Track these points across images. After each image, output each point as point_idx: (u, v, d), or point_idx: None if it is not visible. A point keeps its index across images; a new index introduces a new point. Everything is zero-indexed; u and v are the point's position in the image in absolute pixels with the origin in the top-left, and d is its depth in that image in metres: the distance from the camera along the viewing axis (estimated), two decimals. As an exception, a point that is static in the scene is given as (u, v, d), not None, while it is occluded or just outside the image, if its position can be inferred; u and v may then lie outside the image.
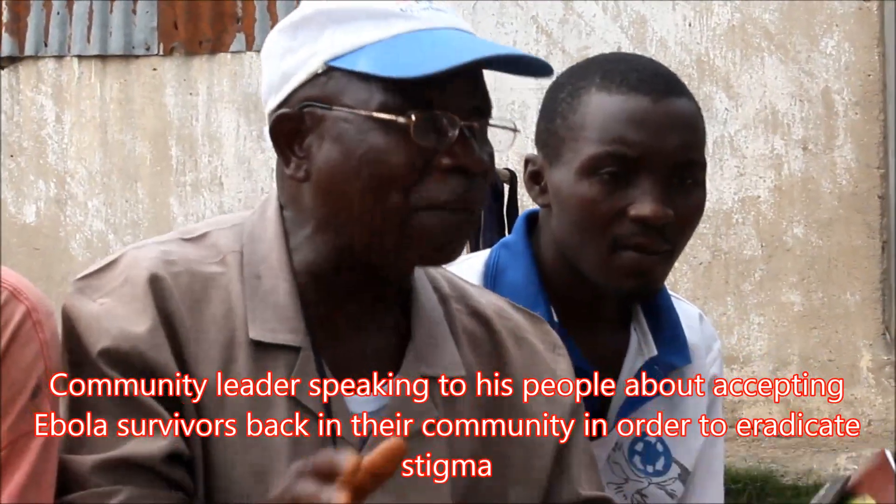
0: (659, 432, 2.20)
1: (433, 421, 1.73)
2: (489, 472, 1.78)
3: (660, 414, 2.19)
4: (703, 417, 2.25)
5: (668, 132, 2.03)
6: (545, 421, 1.84)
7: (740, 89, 7.25)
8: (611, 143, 2.02)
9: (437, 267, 1.75)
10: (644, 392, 2.16)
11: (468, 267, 2.16)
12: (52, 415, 1.64)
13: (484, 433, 1.79)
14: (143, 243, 1.75)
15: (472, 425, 1.78)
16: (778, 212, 7.20)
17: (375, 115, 1.65)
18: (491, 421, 1.80)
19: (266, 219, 1.76)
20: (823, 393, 7.09)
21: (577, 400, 1.89)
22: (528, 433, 1.82)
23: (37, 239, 8.08)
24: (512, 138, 1.75)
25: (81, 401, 1.65)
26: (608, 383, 2.16)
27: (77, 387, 1.66)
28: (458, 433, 1.76)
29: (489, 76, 1.73)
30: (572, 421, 1.87)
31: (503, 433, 1.81)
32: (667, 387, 2.18)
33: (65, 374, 1.68)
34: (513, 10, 7.52)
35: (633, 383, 2.15)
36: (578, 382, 1.91)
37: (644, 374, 2.16)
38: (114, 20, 8.05)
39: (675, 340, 2.20)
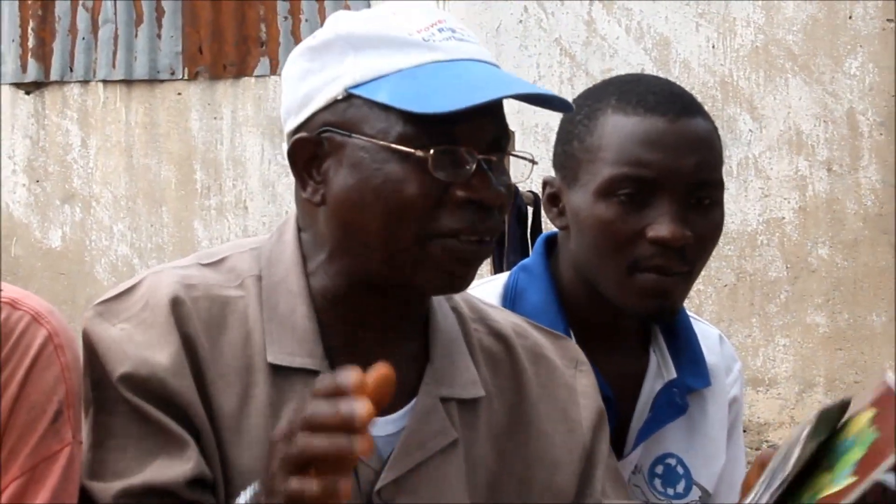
0: (679, 455, 2.19)
1: (452, 441, 1.73)
2: (510, 493, 1.78)
3: (680, 436, 2.19)
4: (724, 439, 2.24)
5: (684, 152, 2.02)
6: (565, 438, 1.84)
7: (764, 111, 7.24)
8: (627, 165, 2.02)
9: (450, 293, 1.74)
10: (663, 415, 2.15)
11: (488, 290, 2.16)
12: (74, 438, 1.65)
13: (503, 452, 1.79)
14: (162, 268, 1.75)
15: (491, 445, 1.78)
16: (803, 233, 7.18)
17: (394, 146, 1.65)
18: (510, 440, 1.80)
19: (284, 242, 1.76)
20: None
21: (599, 416, 1.88)
22: (547, 452, 1.82)
23: (62, 263, 8.11)
24: (530, 169, 1.75)
25: (102, 426, 1.66)
26: (627, 406, 2.15)
27: (98, 412, 1.66)
28: (476, 453, 1.76)
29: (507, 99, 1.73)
30: (594, 435, 1.86)
31: (522, 453, 1.80)
32: (686, 409, 2.17)
33: (85, 399, 1.68)
34: (536, 32, 7.52)
35: (652, 406, 2.15)
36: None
37: (663, 397, 2.16)
38: (139, 45, 8.08)
39: (695, 362, 2.19)
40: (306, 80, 1.73)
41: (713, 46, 7.32)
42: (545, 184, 2.14)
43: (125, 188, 8.12)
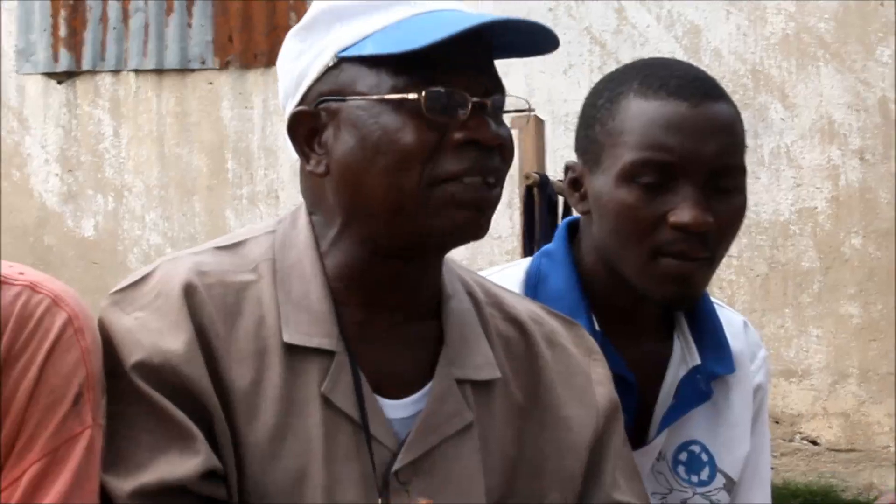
0: (703, 442, 2.18)
1: (467, 423, 1.73)
2: (526, 475, 1.78)
3: (704, 423, 2.17)
4: (748, 427, 2.22)
5: (706, 137, 2.01)
6: (578, 425, 1.83)
7: (796, 99, 7.21)
8: (649, 150, 2.01)
9: (465, 241, 1.73)
10: (687, 401, 2.14)
11: (509, 275, 2.16)
12: (94, 421, 1.65)
13: (518, 436, 1.79)
14: (178, 255, 1.76)
15: (507, 427, 1.78)
16: (835, 223, 7.15)
17: (387, 97, 1.67)
18: (526, 423, 1.80)
19: (297, 226, 1.77)
20: (882, 406, 7.02)
21: (613, 405, 1.88)
22: (561, 437, 1.82)
23: (94, 253, 8.14)
24: (527, 117, 1.77)
25: (115, 416, 1.66)
26: (651, 392, 2.14)
27: (111, 401, 1.66)
28: (492, 435, 1.76)
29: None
30: (607, 424, 1.86)
31: (537, 437, 1.80)
32: (710, 395, 2.16)
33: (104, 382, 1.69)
34: (566, 20, 7.50)
35: (676, 392, 2.14)
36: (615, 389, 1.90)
37: (687, 383, 2.14)
38: (169, 35, 8.10)
39: (719, 349, 2.18)
40: (299, 60, 1.76)
41: (744, 34, 7.29)
42: (567, 168, 2.13)
43: (157, 177, 8.15)
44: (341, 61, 1.72)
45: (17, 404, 1.63)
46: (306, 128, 1.73)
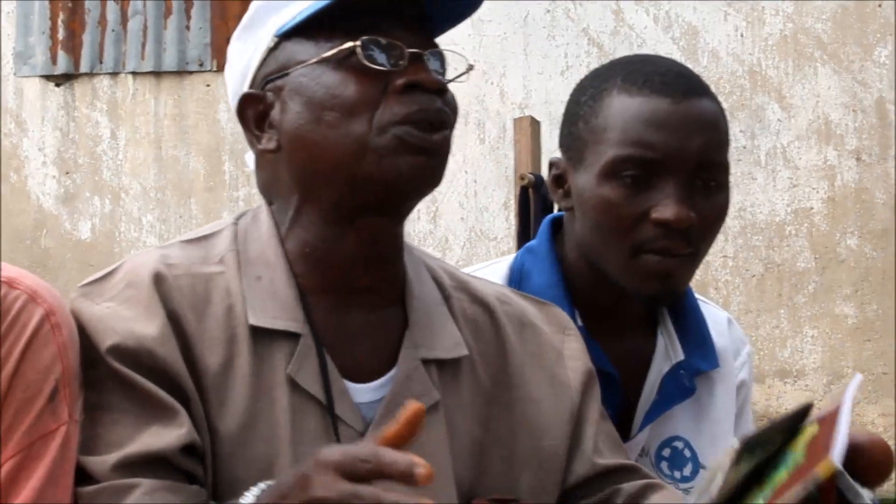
0: (687, 437, 2.18)
1: (434, 403, 1.74)
2: (495, 460, 1.78)
3: (687, 419, 2.18)
4: (732, 423, 2.23)
5: (689, 134, 2.01)
6: (553, 402, 1.84)
7: (793, 100, 7.21)
8: (632, 146, 2.01)
9: (420, 190, 1.74)
10: (671, 397, 2.14)
11: (493, 271, 2.16)
12: (70, 417, 1.65)
13: (486, 417, 1.79)
14: (143, 251, 1.78)
15: (474, 411, 1.79)
16: (831, 223, 7.15)
17: (325, 55, 1.72)
18: (494, 407, 1.81)
19: (258, 219, 1.79)
20: (877, 406, 7.02)
21: (588, 378, 1.88)
22: (534, 417, 1.82)
23: (91, 255, 8.15)
24: (466, 69, 1.80)
25: (94, 402, 1.67)
26: (634, 388, 2.15)
27: (89, 388, 1.67)
28: (459, 418, 1.77)
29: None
30: (582, 396, 1.86)
31: (506, 418, 1.81)
32: (694, 391, 2.16)
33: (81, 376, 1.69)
34: (564, 22, 7.51)
35: (659, 388, 2.14)
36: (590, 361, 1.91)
37: (671, 379, 2.15)
38: (168, 37, 8.11)
39: (703, 345, 2.18)
40: (241, 56, 1.81)
41: (741, 35, 7.29)
42: (551, 165, 2.13)
43: (154, 180, 8.16)
44: (280, 40, 1.77)
45: None
46: (255, 111, 1.77)
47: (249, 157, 1.83)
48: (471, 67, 1.81)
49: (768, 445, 1.54)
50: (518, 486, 1.79)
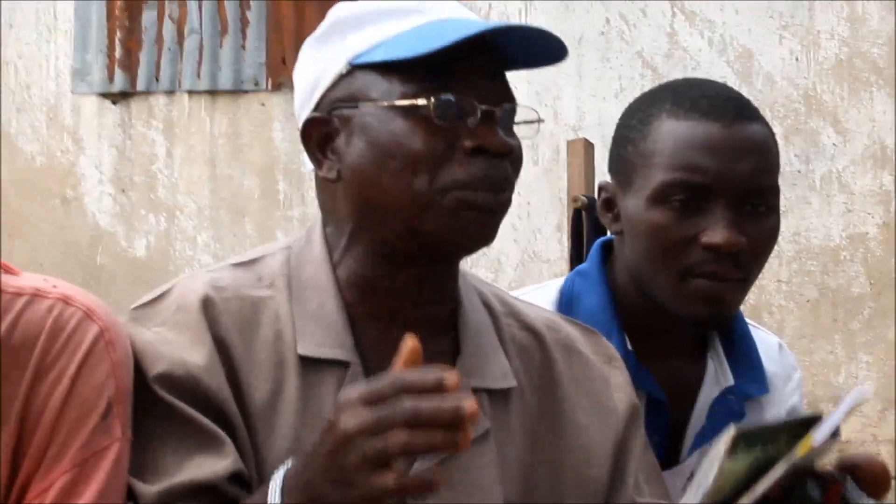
0: None
1: (484, 432, 1.73)
2: (544, 485, 1.78)
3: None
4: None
5: (738, 158, 2.01)
6: (599, 429, 1.83)
7: (848, 124, 7.17)
8: (681, 170, 2.01)
9: (475, 245, 1.73)
10: (720, 422, 2.14)
11: (543, 294, 2.17)
12: (123, 435, 1.66)
13: (535, 444, 1.79)
14: (194, 273, 1.78)
15: (524, 436, 1.78)
16: (887, 248, 7.10)
17: (397, 103, 1.70)
18: (543, 431, 1.80)
19: (312, 241, 1.79)
20: (933, 433, 6.96)
21: (633, 410, 1.87)
22: (581, 442, 1.82)
23: (146, 273, 8.20)
24: (537, 128, 1.78)
25: (141, 427, 1.67)
26: (684, 412, 2.14)
27: (135, 413, 1.68)
28: (509, 444, 1.76)
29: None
30: (626, 428, 1.86)
31: (554, 444, 1.80)
32: (743, 416, 2.15)
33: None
34: (618, 44, 7.51)
35: (709, 413, 2.13)
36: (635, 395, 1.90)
37: (720, 404, 2.14)
38: (223, 56, 8.16)
39: (753, 370, 2.18)
40: (313, 69, 1.78)
41: (797, 59, 7.26)
42: (600, 189, 2.14)
43: (209, 198, 8.20)
44: (354, 69, 1.74)
45: (48, 416, 1.64)
46: (319, 134, 1.75)
47: (307, 159, 1.81)
48: (540, 121, 1.79)
49: (770, 444, 1.54)
50: None
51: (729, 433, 1.45)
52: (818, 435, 1.51)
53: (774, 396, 2.21)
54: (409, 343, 1.45)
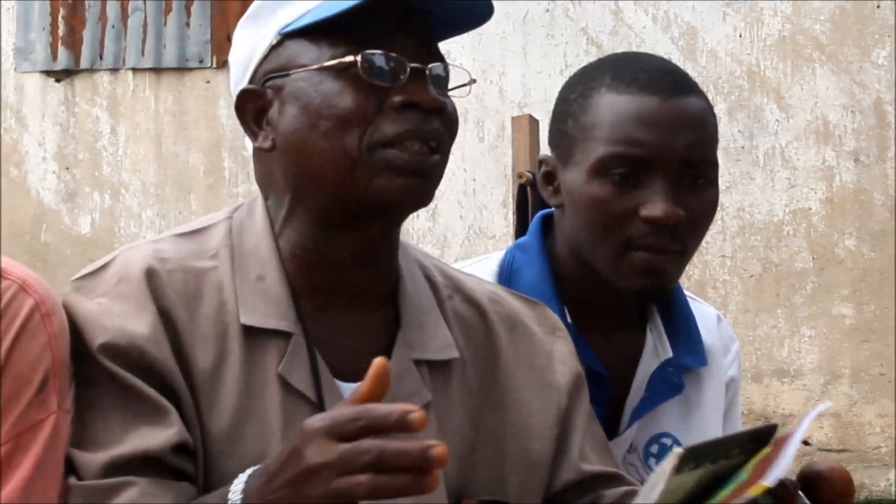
0: (675, 434, 2.19)
1: (425, 403, 1.74)
2: (485, 462, 1.78)
3: (676, 415, 2.19)
4: (720, 420, 2.24)
5: (677, 131, 2.02)
6: (541, 405, 1.84)
7: (791, 100, 7.22)
8: (620, 144, 2.02)
9: (408, 209, 1.74)
10: (659, 393, 2.15)
11: (483, 267, 2.17)
12: (60, 407, 1.66)
13: (476, 418, 1.79)
14: (137, 244, 1.77)
15: (465, 412, 1.79)
16: (829, 224, 7.16)
17: (326, 64, 1.71)
18: (484, 408, 1.81)
19: (254, 213, 1.79)
20: (875, 406, 7.03)
21: (577, 381, 1.88)
22: (523, 420, 1.82)
23: (91, 250, 8.15)
24: (469, 88, 1.78)
25: (84, 397, 1.67)
26: (623, 384, 2.16)
27: (79, 384, 1.67)
28: (450, 418, 1.77)
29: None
30: (570, 399, 1.86)
31: (495, 419, 1.81)
32: (682, 388, 2.17)
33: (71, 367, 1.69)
34: (563, 21, 7.52)
35: (647, 384, 2.15)
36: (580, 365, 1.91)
37: (659, 376, 2.16)
38: (168, 33, 8.12)
39: (692, 341, 2.19)
40: (245, 46, 1.80)
41: (740, 36, 7.30)
42: (540, 162, 2.14)
43: (154, 176, 8.16)
44: (284, 39, 1.75)
45: None
46: (254, 106, 1.76)
47: (248, 143, 1.82)
48: (473, 81, 1.80)
49: (721, 458, 1.53)
50: (506, 488, 1.80)
51: (675, 453, 1.44)
52: (772, 476, 1.50)
53: (713, 368, 2.22)
54: (378, 364, 1.44)
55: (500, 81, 7.46)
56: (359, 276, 1.76)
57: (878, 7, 7.14)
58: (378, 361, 1.44)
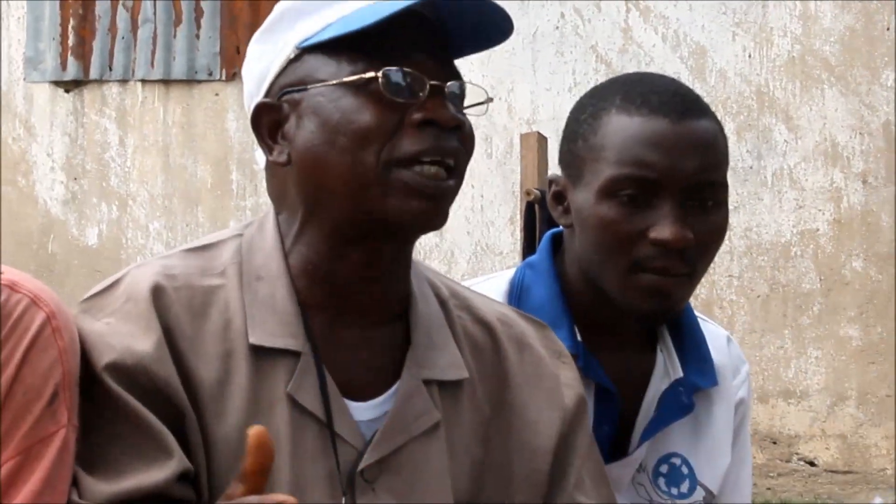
0: (684, 454, 2.19)
1: (435, 423, 1.74)
2: (493, 480, 1.78)
3: (685, 436, 2.18)
4: (729, 440, 2.23)
5: (687, 154, 2.02)
6: (545, 427, 1.84)
7: (800, 121, 7.22)
8: (630, 166, 2.02)
9: (422, 231, 1.74)
10: (669, 414, 2.15)
11: (493, 285, 2.17)
12: (69, 421, 1.66)
13: (484, 438, 1.79)
14: (146, 261, 1.78)
15: (474, 431, 1.79)
16: (837, 245, 7.16)
17: (346, 79, 1.71)
18: (493, 427, 1.81)
19: (264, 229, 1.79)
20: (880, 429, 7.02)
21: (580, 406, 1.89)
22: (530, 439, 1.82)
23: (98, 261, 8.16)
24: (486, 107, 1.79)
25: (90, 417, 1.67)
26: (633, 404, 2.15)
27: (86, 402, 1.67)
28: (459, 437, 1.77)
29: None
30: (573, 423, 1.87)
31: (504, 439, 1.81)
32: (692, 408, 2.17)
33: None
34: (572, 39, 7.53)
35: (657, 405, 2.15)
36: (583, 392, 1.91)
37: (669, 396, 2.15)
38: (177, 45, 8.14)
39: (702, 362, 2.19)
40: (261, 60, 1.79)
41: (749, 56, 7.30)
42: (550, 182, 2.14)
43: (161, 187, 8.17)
44: (302, 52, 1.75)
45: None
46: (269, 120, 1.76)
47: (260, 156, 1.81)
48: (490, 100, 1.80)
49: None
50: None
51: None
52: None
53: (722, 389, 2.22)
54: (255, 434, 1.46)
55: (508, 98, 7.47)
56: (369, 294, 1.76)
57: (888, 29, 7.14)
58: (255, 431, 1.45)
